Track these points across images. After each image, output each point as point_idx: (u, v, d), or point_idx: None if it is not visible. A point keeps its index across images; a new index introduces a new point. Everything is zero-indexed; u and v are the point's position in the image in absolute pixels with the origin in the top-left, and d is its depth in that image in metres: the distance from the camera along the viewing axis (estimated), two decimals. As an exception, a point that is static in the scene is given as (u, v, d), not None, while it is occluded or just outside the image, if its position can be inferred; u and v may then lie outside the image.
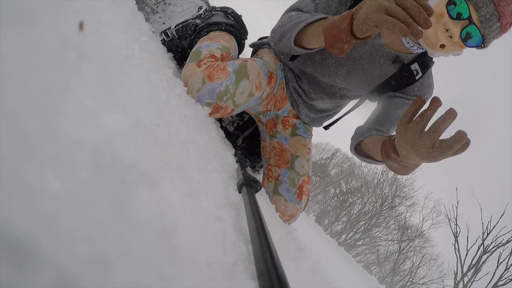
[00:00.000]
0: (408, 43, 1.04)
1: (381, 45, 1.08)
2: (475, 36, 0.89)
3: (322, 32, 0.87)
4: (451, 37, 0.91)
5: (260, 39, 1.42)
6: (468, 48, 0.93)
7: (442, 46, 0.93)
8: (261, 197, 1.03)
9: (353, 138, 1.21)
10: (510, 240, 9.40)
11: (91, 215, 0.30)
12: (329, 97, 1.28)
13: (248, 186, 0.69)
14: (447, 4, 0.89)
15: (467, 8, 0.87)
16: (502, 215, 9.64)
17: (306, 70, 1.22)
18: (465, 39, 0.90)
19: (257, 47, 1.36)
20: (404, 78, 1.13)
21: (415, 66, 1.12)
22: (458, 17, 0.88)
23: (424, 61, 1.13)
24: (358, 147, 1.15)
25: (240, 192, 0.70)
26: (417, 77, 1.14)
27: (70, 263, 0.26)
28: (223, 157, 0.87)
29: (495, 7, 0.86)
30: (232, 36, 1.21)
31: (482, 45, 0.92)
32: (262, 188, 1.15)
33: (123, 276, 0.29)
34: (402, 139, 0.78)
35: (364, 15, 0.76)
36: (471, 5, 0.87)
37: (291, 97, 1.30)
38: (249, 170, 1.49)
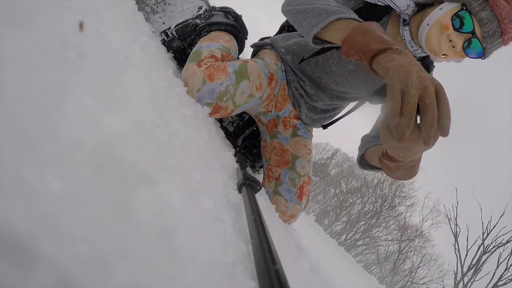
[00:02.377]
0: (412, 46, 1.05)
1: None
2: (477, 48, 0.92)
3: (349, 31, 0.80)
4: (453, 47, 0.94)
5: (262, 39, 1.41)
6: (469, 58, 0.96)
7: (444, 55, 0.96)
8: (261, 197, 1.03)
9: (359, 149, 1.22)
10: (510, 240, 9.39)
11: (91, 215, 0.30)
12: (329, 98, 1.28)
13: (248, 186, 0.69)
14: (453, 17, 0.92)
15: (472, 22, 0.90)
16: (502, 215, 9.63)
17: (308, 70, 1.22)
18: (467, 51, 0.93)
19: (258, 48, 1.36)
20: None
21: None
22: (462, 30, 0.91)
23: (426, 64, 1.14)
24: (364, 160, 1.16)
25: (240, 192, 0.70)
26: None
27: (70, 263, 0.26)
28: (223, 157, 0.87)
29: (499, 23, 0.89)
30: (232, 36, 1.21)
31: (483, 57, 0.95)
32: (262, 188, 1.15)
33: (123, 276, 0.29)
34: (391, 140, 0.69)
35: (394, 70, 0.66)
36: (475, 20, 0.90)
37: (292, 97, 1.30)
38: (249, 170, 1.49)
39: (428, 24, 0.96)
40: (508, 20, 0.89)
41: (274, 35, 1.41)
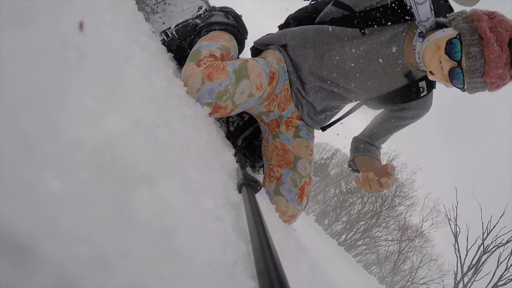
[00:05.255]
0: (419, 58, 1.10)
1: (401, 53, 1.12)
2: (459, 79, 0.99)
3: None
4: (442, 69, 1.01)
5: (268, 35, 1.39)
6: (455, 86, 1.02)
7: (432, 73, 1.03)
8: (261, 197, 1.03)
9: (350, 152, 1.37)
10: (510, 240, 9.37)
11: (91, 215, 0.30)
12: (331, 96, 1.29)
13: (248, 186, 0.69)
14: (448, 42, 0.98)
15: (461, 53, 0.96)
16: (502, 215, 9.61)
17: (323, 62, 1.21)
18: (450, 77, 1.00)
19: (261, 47, 1.34)
20: (410, 93, 1.20)
21: (423, 84, 1.19)
22: (451, 56, 0.98)
23: (431, 80, 1.16)
24: (353, 165, 1.33)
25: (240, 192, 0.70)
26: (421, 94, 1.21)
27: (70, 263, 0.26)
28: (223, 157, 0.87)
29: (484, 64, 0.94)
30: (232, 36, 1.21)
31: (462, 89, 1.02)
32: (262, 188, 1.15)
33: (123, 276, 0.29)
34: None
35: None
36: (464, 52, 0.96)
37: (295, 98, 1.30)
38: (249, 170, 1.49)
39: (428, 40, 1.04)
40: (494, 65, 0.93)
41: (280, 30, 1.40)
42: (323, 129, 1.42)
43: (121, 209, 0.33)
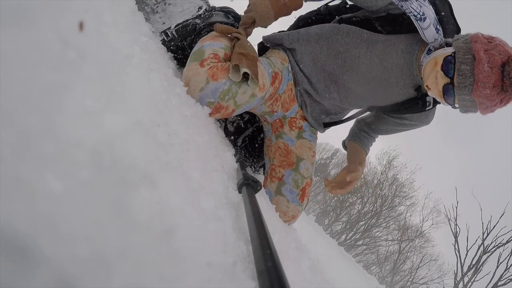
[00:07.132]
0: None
1: (414, 65, 1.14)
2: (451, 95, 1.02)
3: None
4: (437, 84, 1.04)
5: (280, 32, 1.38)
6: (447, 102, 1.06)
7: (428, 87, 1.07)
8: (261, 197, 1.03)
9: (349, 131, 1.47)
10: (510, 240, 9.37)
11: (91, 215, 0.30)
12: (340, 101, 1.29)
13: (248, 186, 0.69)
14: (444, 59, 1.02)
15: (453, 70, 1.00)
16: (502, 215, 9.60)
17: (334, 63, 1.21)
18: (444, 93, 1.03)
19: (269, 44, 1.33)
20: (417, 105, 1.22)
21: (430, 98, 1.21)
22: (445, 73, 1.01)
23: None
24: (347, 145, 1.46)
25: (240, 192, 0.70)
26: (426, 108, 1.23)
27: (70, 263, 0.26)
28: (223, 157, 0.87)
29: (473, 82, 0.97)
30: None
31: (453, 106, 1.05)
32: (262, 188, 1.15)
33: (123, 276, 0.29)
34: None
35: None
36: (456, 69, 1.00)
37: (300, 97, 1.30)
38: (249, 170, 1.49)
39: (431, 56, 1.07)
40: (482, 85, 0.95)
41: (291, 29, 1.39)
42: (325, 125, 1.42)
43: (121, 209, 0.33)
